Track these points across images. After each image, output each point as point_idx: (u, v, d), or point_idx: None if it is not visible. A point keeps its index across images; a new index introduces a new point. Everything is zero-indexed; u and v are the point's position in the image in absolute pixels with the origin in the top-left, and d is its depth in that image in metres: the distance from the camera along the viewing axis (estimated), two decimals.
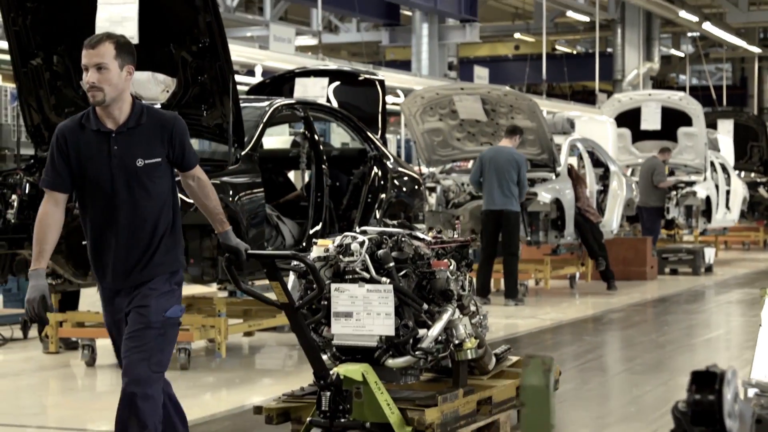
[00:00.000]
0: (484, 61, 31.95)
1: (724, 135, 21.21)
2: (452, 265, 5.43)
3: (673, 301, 13.49)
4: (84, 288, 8.64)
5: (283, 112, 9.17)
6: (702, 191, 17.68)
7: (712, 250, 17.68)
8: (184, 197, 6.07)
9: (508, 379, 5.84)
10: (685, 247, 17.51)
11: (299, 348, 5.47)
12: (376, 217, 9.57)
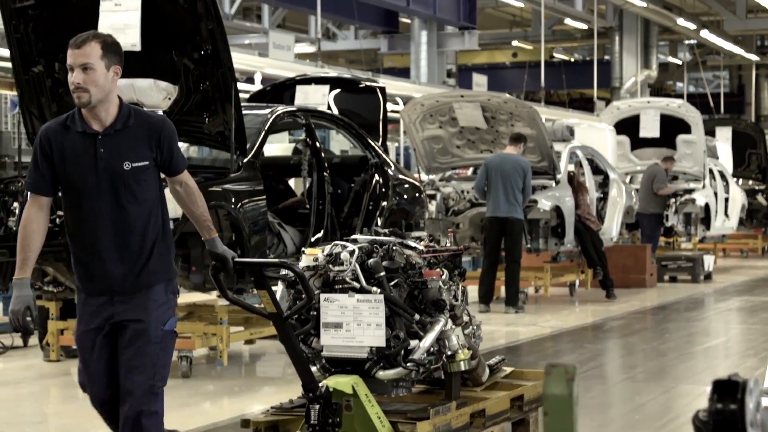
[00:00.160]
0: (482, 69, 31.96)
1: (723, 142, 21.21)
2: (444, 275, 5.28)
3: (673, 309, 13.47)
4: None
5: (285, 120, 9.15)
6: (701, 199, 17.66)
7: (712, 257, 17.67)
8: None
9: (502, 391, 5.65)
10: (685, 254, 17.49)
11: None
12: (378, 225, 9.54)
